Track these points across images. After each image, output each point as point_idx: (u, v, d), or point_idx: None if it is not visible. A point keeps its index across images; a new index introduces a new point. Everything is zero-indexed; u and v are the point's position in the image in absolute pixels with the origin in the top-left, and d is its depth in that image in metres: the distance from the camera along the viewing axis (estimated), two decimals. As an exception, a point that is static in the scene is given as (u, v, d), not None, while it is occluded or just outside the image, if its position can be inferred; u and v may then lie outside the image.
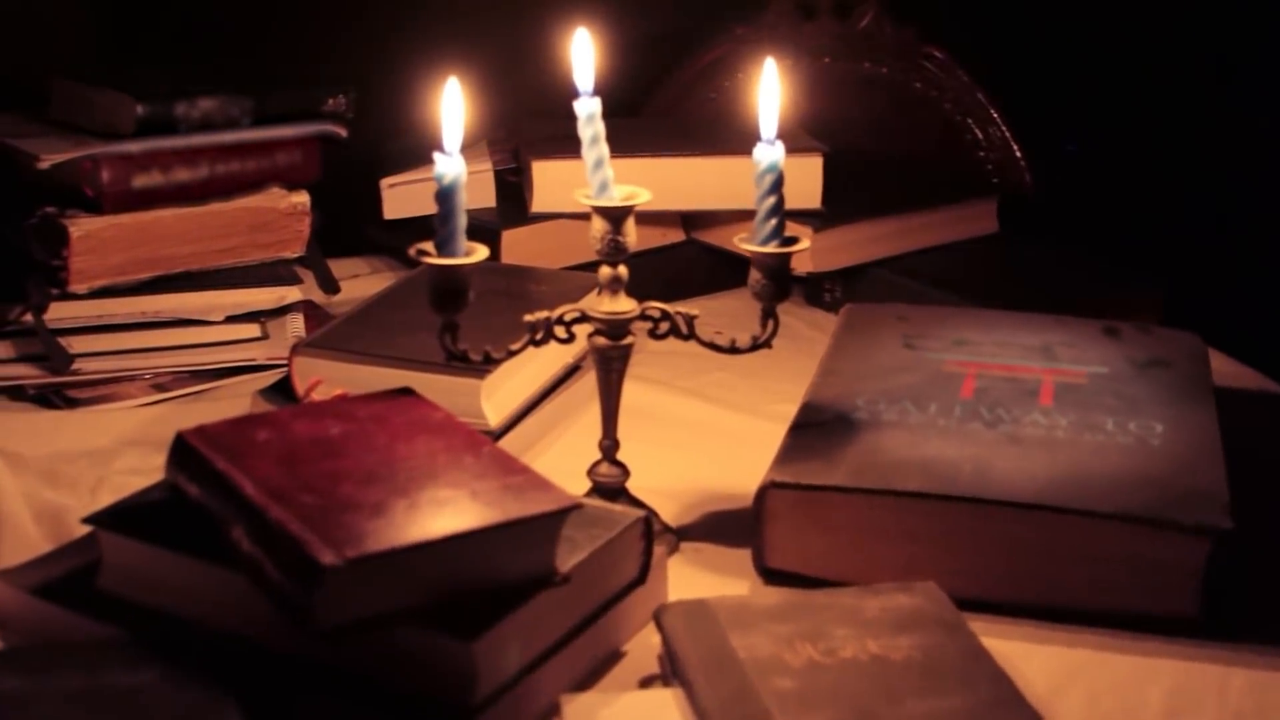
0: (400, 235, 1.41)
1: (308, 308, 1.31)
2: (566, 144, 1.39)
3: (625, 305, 0.97)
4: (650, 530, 0.91)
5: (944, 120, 1.68)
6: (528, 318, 0.97)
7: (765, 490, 0.96)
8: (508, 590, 0.82)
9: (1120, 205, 1.65)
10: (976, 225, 1.46)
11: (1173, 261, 1.42)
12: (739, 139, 1.42)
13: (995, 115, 1.68)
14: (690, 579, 0.98)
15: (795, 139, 1.39)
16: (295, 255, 1.33)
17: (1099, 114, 1.71)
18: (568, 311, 0.97)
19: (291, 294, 1.28)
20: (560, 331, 0.98)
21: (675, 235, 1.42)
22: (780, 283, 0.98)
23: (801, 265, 1.35)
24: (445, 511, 0.81)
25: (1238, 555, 0.90)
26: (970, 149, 1.68)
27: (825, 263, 1.36)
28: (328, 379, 1.09)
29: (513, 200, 1.41)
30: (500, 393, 1.09)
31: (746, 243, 0.97)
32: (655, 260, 1.41)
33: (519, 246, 1.34)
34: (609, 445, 1.00)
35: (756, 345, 1.00)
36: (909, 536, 0.94)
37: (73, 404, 1.18)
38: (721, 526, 1.04)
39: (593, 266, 1.39)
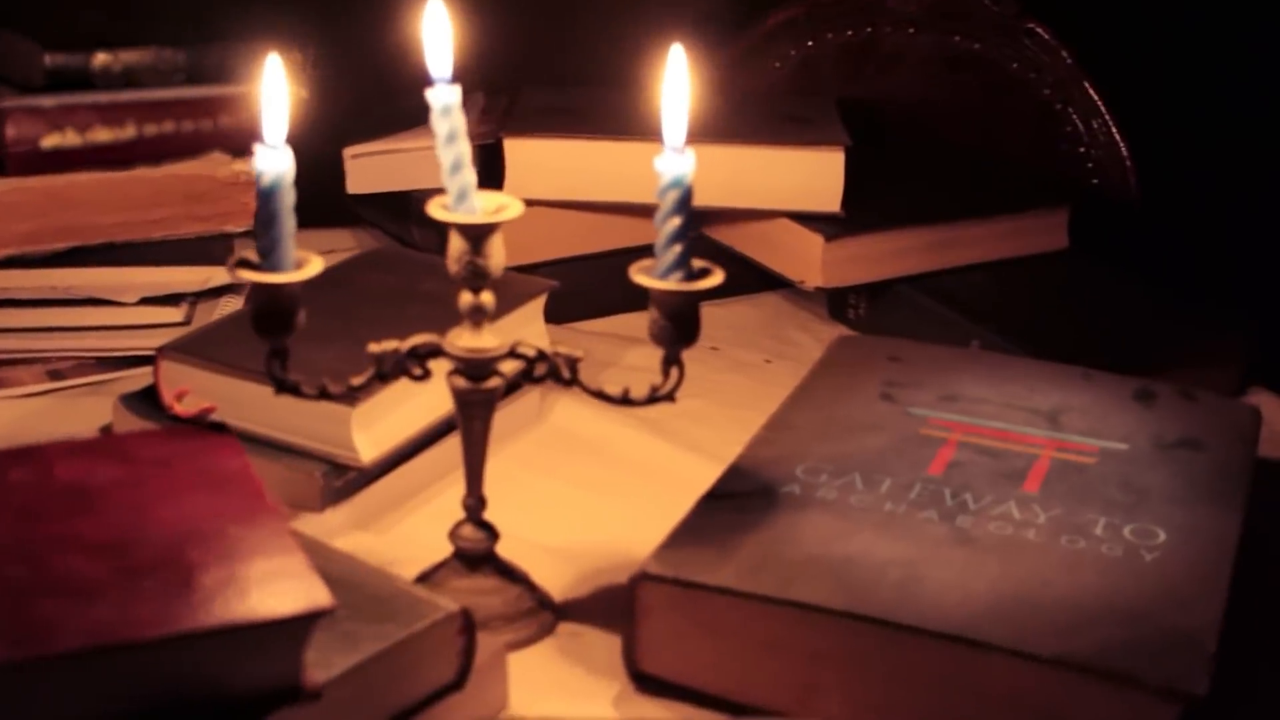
0: (392, 207, 1.26)
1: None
2: (552, 119, 1.22)
3: (489, 341, 0.80)
4: (471, 626, 0.74)
5: (1041, 108, 1.45)
6: (373, 347, 0.81)
7: (637, 582, 0.78)
8: (244, 704, 0.66)
9: (1219, 230, 1.41)
10: (1041, 239, 1.23)
11: (1267, 302, 1.18)
12: (770, 124, 1.23)
13: (1101, 106, 1.44)
14: (550, 675, 0.81)
15: (817, 129, 1.20)
16: (241, 230, 1.19)
17: (1214, 122, 1.46)
18: (423, 344, 0.81)
19: (220, 275, 1.13)
20: (414, 368, 0.81)
21: (679, 231, 1.23)
22: (682, 326, 0.79)
23: (810, 278, 1.15)
24: (164, 603, 0.65)
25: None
26: (1069, 142, 1.45)
27: (837, 277, 1.16)
28: (196, 389, 0.95)
29: (499, 181, 1.24)
30: (381, 423, 0.92)
31: (644, 274, 0.79)
32: (655, 258, 1.23)
33: (483, 237, 1.17)
34: (473, 504, 0.83)
35: (655, 398, 0.81)
36: (810, 655, 0.75)
37: (-47, 387, 1.06)
38: (618, 606, 0.86)
39: (582, 261, 1.24)
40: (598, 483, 0.99)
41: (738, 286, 1.25)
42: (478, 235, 0.78)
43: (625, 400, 0.82)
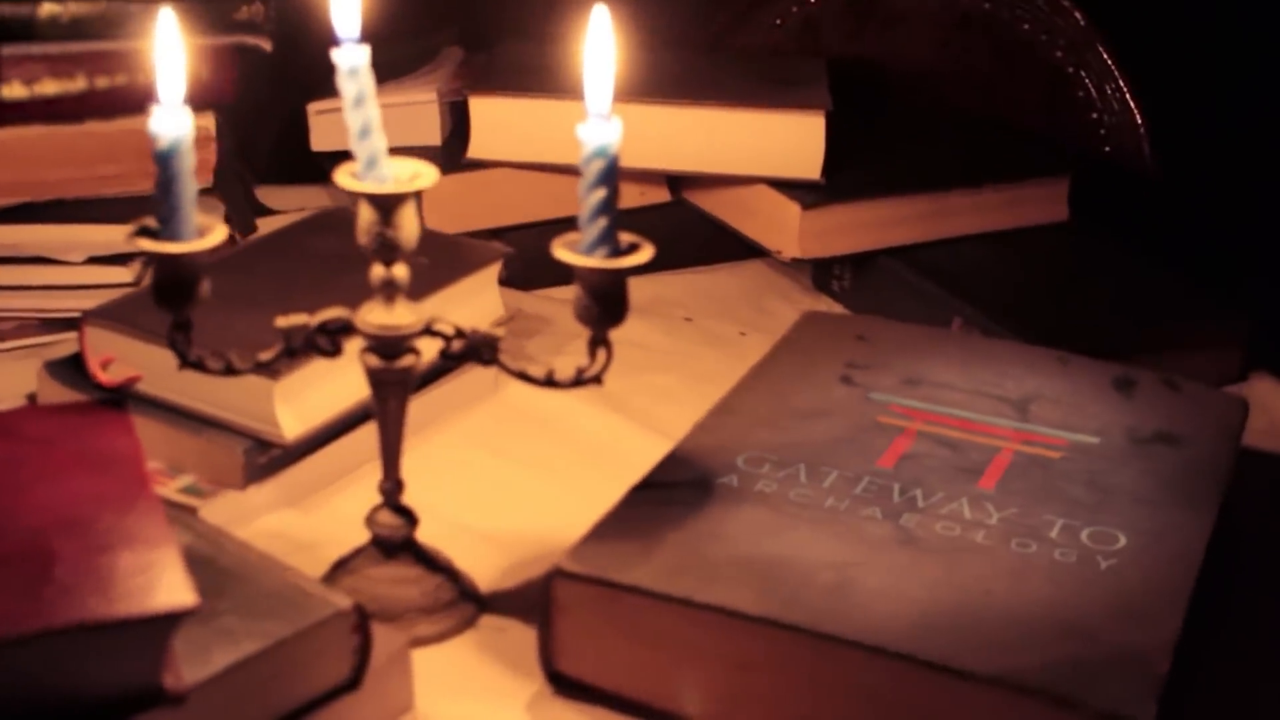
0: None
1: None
2: (520, 77, 1.16)
3: (403, 318, 0.75)
4: (365, 623, 0.69)
5: (1052, 72, 1.38)
6: (280, 322, 0.76)
7: (552, 578, 0.73)
8: (101, 708, 0.62)
9: (1233, 207, 1.33)
10: (1039, 211, 1.17)
11: (1275, 283, 1.11)
12: (754, 85, 1.17)
13: (1115, 70, 1.37)
14: (465, 673, 0.76)
15: (800, 91, 1.14)
16: (203, 187, 1.14)
17: (1234, 90, 1.38)
18: (332, 319, 0.76)
19: (171, 235, 1.09)
20: (324, 344, 0.76)
21: (658, 195, 1.17)
22: (608, 305, 0.74)
23: (787, 248, 1.10)
24: (14, 599, 0.60)
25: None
26: (1081, 109, 1.38)
27: (816, 248, 1.10)
28: (122, 357, 0.90)
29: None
30: (307, 398, 0.87)
31: (568, 249, 0.74)
32: (632, 224, 1.16)
33: (447, 199, 1.11)
34: (390, 489, 0.79)
35: (582, 380, 0.76)
36: (733, 663, 0.70)
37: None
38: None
39: (553, 226, 1.19)
40: (547, 463, 0.94)
41: (719, 253, 1.21)
42: (388, 205, 0.73)
43: (549, 383, 0.77)
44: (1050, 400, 0.87)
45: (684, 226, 1.19)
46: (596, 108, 0.72)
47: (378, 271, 0.74)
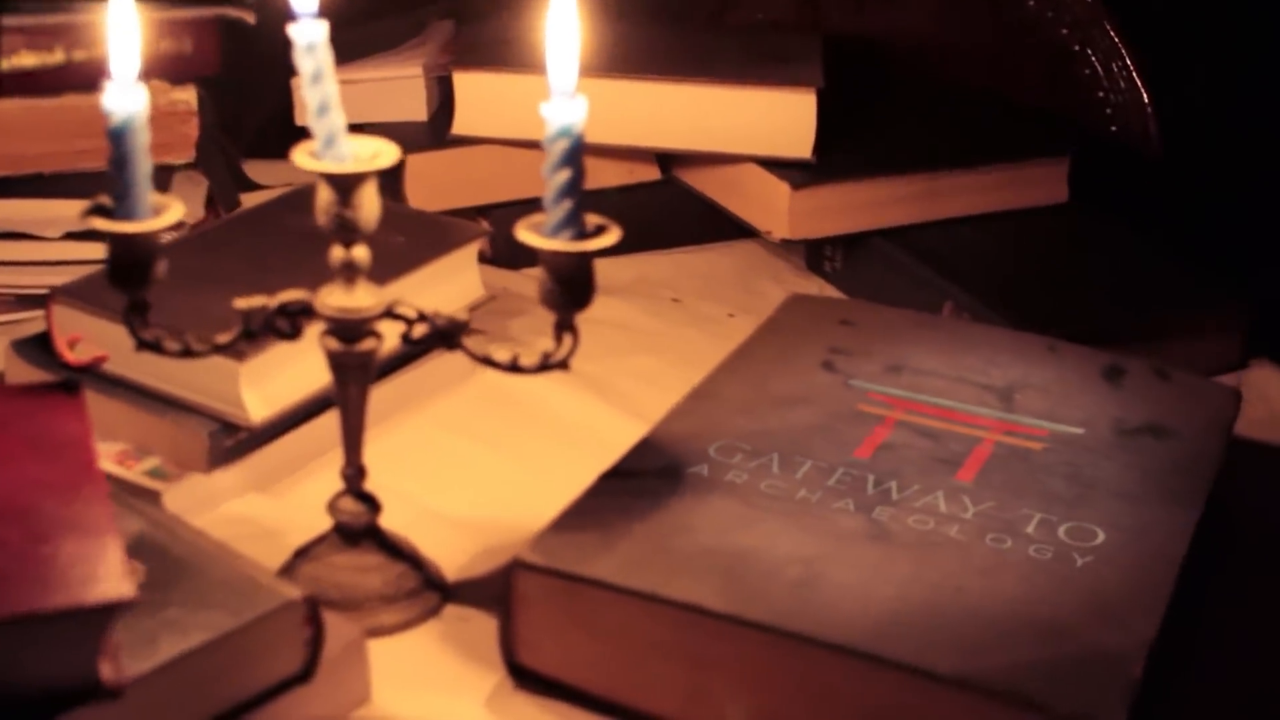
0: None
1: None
2: (506, 51, 1.14)
3: (363, 300, 0.73)
4: (317, 615, 0.68)
5: (1057, 49, 1.35)
6: (239, 303, 0.74)
7: (513, 569, 0.71)
8: (37, 701, 0.60)
9: (1240, 190, 1.30)
10: (1038, 192, 1.14)
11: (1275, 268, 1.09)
12: (745, 62, 1.14)
13: (1122, 48, 1.34)
14: (426, 665, 0.74)
15: (792, 68, 1.11)
16: (183, 162, 1.12)
17: (1244, 69, 1.35)
18: (292, 301, 0.74)
19: (151, 210, 1.07)
20: (283, 326, 0.74)
21: (647, 173, 1.15)
22: (572, 289, 0.72)
23: (777, 229, 1.07)
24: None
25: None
26: (1086, 87, 1.35)
27: (806, 228, 1.07)
28: (89, 336, 0.89)
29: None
30: (275, 381, 0.85)
31: (532, 231, 0.72)
32: (620, 202, 1.15)
33: (429, 176, 1.09)
34: (351, 475, 0.77)
35: (548, 365, 0.74)
36: (694, 659, 0.69)
37: None
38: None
39: (533, 205, 1.17)
40: (522, 448, 0.92)
41: (710, 233, 1.18)
42: (346, 185, 0.71)
43: (514, 368, 0.75)
44: (1036, 389, 0.85)
45: (674, 205, 1.16)
46: (560, 86, 0.70)
47: (337, 253, 0.72)
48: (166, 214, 0.72)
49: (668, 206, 1.16)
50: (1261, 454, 0.95)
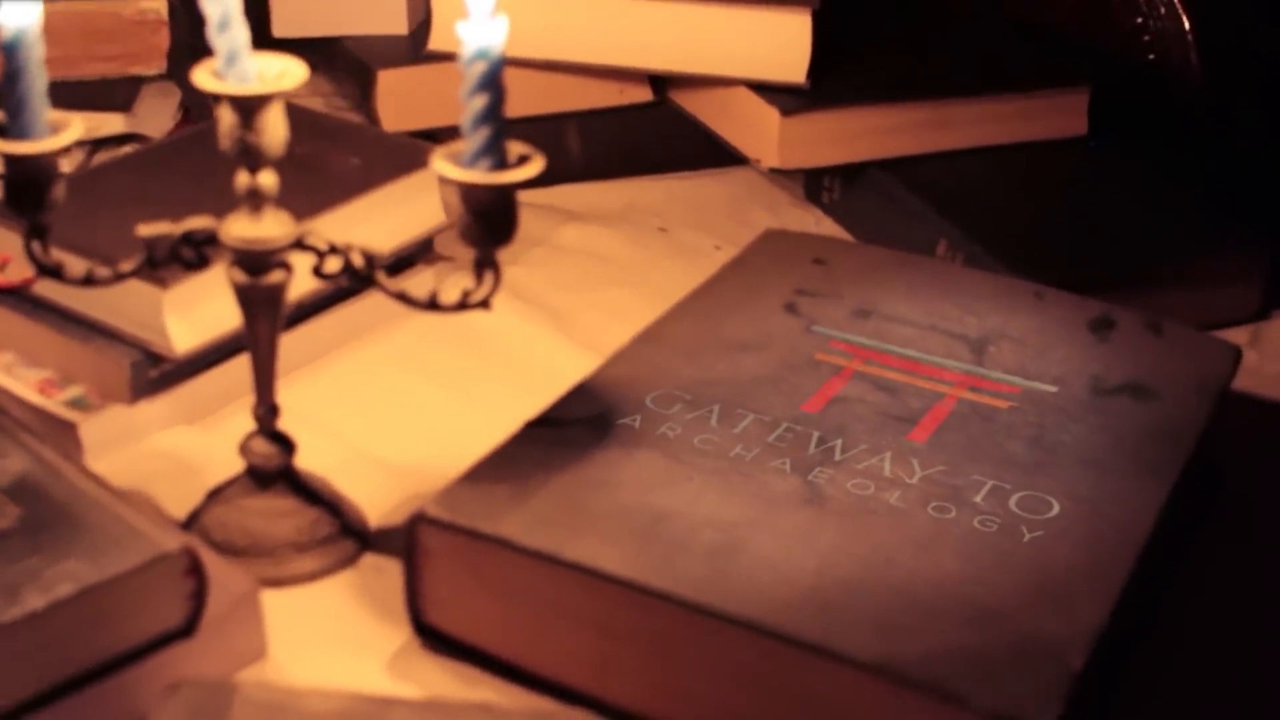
0: (323, 53, 1.14)
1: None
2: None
3: (271, 230, 0.68)
4: (199, 567, 0.63)
5: (1095, -30, 1.27)
6: (143, 230, 0.69)
7: (415, 523, 0.67)
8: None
9: (1270, 130, 1.21)
10: (1054, 124, 1.07)
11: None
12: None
13: (1164, -30, 1.26)
14: (330, 620, 0.70)
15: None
16: (154, 73, 1.08)
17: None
18: (199, 229, 0.69)
19: (111, 122, 1.02)
20: (188, 253, 0.70)
21: (639, 93, 1.08)
22: (491, 223, 0.66)
23: (766, 157, 1.01)
24: None
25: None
26: (1123, 12, 1.27)
27: (797, 157, 1.01)
28: (17, 257, 0.85)
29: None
30: (203, 309, 0.80)
31: (448, 162, 0.66)
32: (611, 124, 1.09)
33: (403, 93, 1.04)
34: (263, 414, 0.72)
35: (466, 305, 0.69)
36: (602, 627, 0.64)
37: None
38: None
39: (518, 125, 1.10)
40: (472, 387, 0.87)
41: (706, 159, 1.12)
42: (249, 107, 0.66)
43: (433, 305, 0.70)
44: (1013, 341, 0.79)
45: (668, 129, 1.10)
46: (478, 4, 0.64)
47: (242, 179, 0.67)
48: (64, 133, 0.67)
49: (661, 130, 1.10)
50: (1270, 414, 0.88)
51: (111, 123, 1.03)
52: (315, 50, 1.16)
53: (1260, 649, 0.69)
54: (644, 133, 1.10)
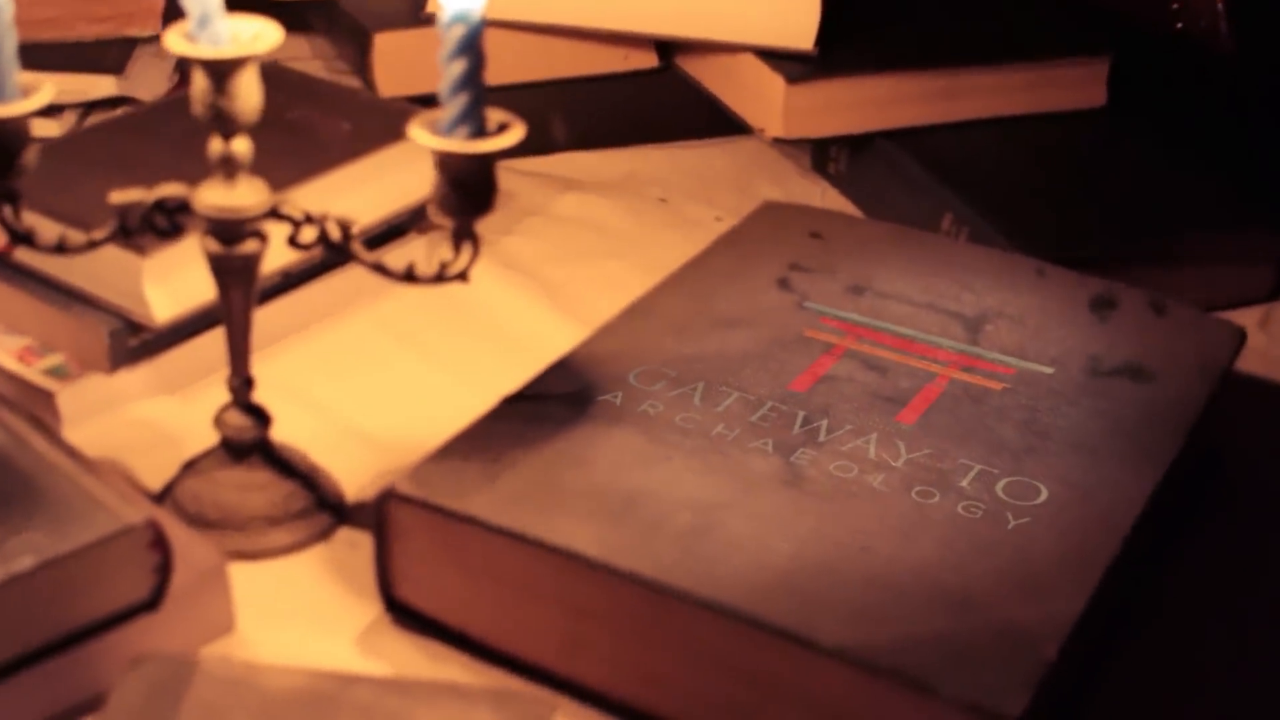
0: (325, 13, 1.12)
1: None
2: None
3: (245, 199, 0.67)
4: (163, 540, 0.62)
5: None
6: (115, 197, 0.68)
7: (385, 499, 0.65)
8: None
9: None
10: (1070, 95, 1.04)
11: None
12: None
13: (1190, -64, 1.23)
14: (301, 594, 0.69)
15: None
16: (149, 34, 1.06)
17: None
18: (171, 196, 0.68)
19: (102, 85, 1.01)
20: (161, 221, 0.68)
21: (644, 59, 1.06)
22: (469, 193, 0.65)
23: (771, 126, 0.99)
24: None
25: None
26: (1149, -21, 1.24)
27: (802, 127, 0.98)
28: None
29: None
30: (184, 277, 0.79)
31: (425, 130, 0.65)
32: (615, 90, 1.07)
33: (399, 57, 1.02)
34: (238, 386, 0.71)
35: (444, 277, 0.67)
36: (571, 607, 0.62)
37: None
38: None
39: (519, 90, 1.09)
40: (459, 358, 0.86)
41: (712, 127, 1.10)
42: (222, 71, 0.64)
43: (409, 278, 0.68)
44: (1010, 320, 0.76)
45: (674, 96, 1.08)
46: (452, -32, 0.62)
47: (215, 146, 0.66)
48: (35, 96, 0.66)
49: (667, 98, 1.08)
50: (1276, 398, 0.86)
51: (103, 85, 1.01)
52: (318, 12, 1.15)
53: (1252, 635, 0.67)
54: (649, 100, 1.08)
